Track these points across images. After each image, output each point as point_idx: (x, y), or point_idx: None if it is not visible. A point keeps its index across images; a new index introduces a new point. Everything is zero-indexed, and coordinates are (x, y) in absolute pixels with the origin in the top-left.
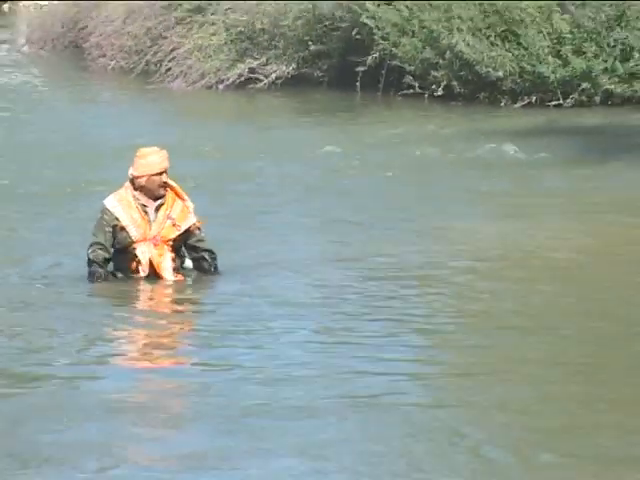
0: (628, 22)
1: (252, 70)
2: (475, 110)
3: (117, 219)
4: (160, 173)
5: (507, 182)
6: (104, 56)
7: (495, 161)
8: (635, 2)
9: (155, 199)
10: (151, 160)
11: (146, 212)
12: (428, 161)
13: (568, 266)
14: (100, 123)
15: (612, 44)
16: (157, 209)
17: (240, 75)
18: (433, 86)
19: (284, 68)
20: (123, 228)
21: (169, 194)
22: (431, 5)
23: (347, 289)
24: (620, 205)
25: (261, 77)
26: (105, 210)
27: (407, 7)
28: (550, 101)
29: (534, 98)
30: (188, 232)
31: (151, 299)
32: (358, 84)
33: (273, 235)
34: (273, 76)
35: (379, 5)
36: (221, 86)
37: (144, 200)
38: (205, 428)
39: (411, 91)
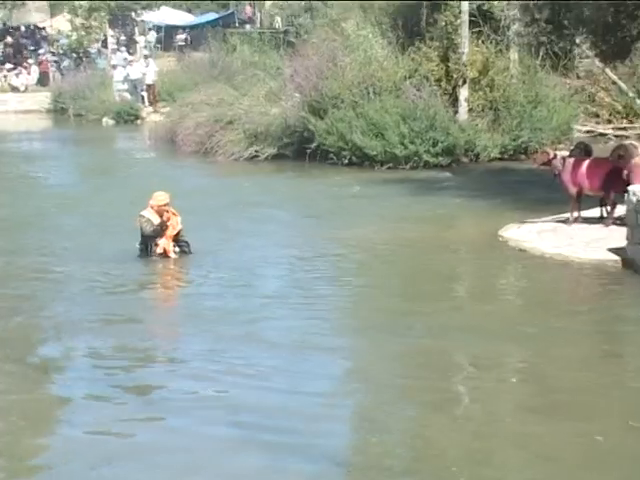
0: (436, 128)
1: (256, 151)
2: (363, 171)
3: (151, 222)
4: (165, 204)
5: (368, 207)
6: (185, 145)
7: (366, 196)
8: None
9: (162, 216)
10: (160, 198)
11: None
12: (324, 195)
13: (384, 252)
14: (176, 177)
15: (428, 139)
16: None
17: (250, 154)
18: (343, 159)
19: (271, 150)
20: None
21: (170, 213)
22: (342, 120)
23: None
24: (420, 219)
25: (260, 155)
26: (142, 216)
27: (330, 121)
28: (399, 166)
29: (391, 165)
30: (178, 232)
31: (162, 265)
32: (307, 158)
33: (240, 235)
34: (266, 154)
35: (316, 120)
36: (241, 159)
37: (158, 215)
38: (190, 328)
39: (332, 161)
